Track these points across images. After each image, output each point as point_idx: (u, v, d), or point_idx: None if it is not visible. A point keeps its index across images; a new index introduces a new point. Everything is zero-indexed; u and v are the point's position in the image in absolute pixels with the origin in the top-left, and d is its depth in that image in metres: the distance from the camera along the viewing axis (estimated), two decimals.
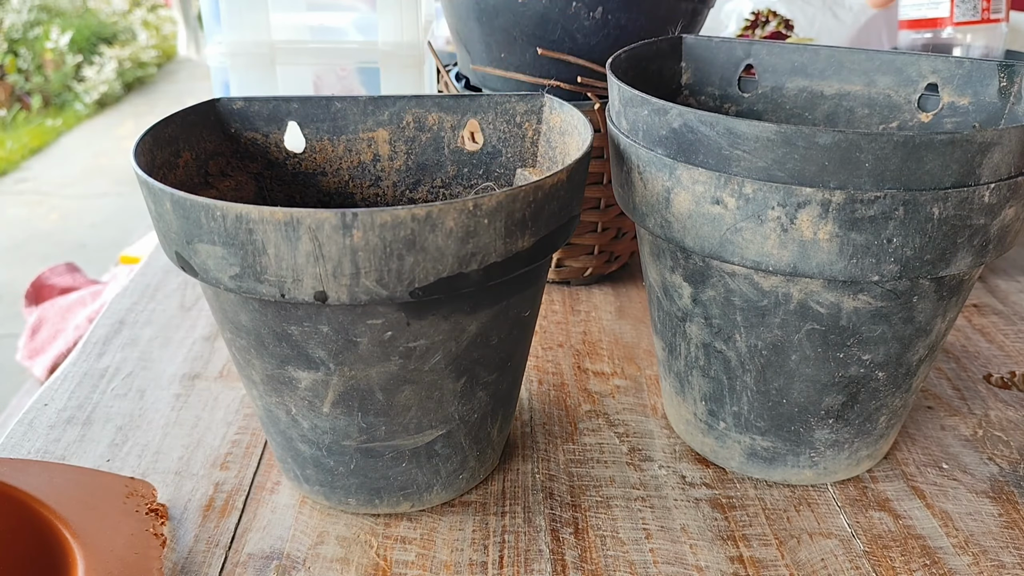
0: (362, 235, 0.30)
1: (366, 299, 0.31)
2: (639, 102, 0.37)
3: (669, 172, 0.36)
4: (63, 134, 3.67)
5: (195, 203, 0.31)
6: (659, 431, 0.48)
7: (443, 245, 0.31)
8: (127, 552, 0.35)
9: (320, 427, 0.38)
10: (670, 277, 0.41)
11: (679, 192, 0.36)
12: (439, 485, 0.41)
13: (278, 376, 0.36)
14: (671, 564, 0.39)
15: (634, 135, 0.39)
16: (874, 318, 0.37)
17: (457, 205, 0.30)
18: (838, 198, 0.33)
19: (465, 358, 0.36)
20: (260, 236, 0.30)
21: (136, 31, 4.86)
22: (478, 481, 0.43)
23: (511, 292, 0.36)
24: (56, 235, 2.63)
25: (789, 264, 0.35)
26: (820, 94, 0.47)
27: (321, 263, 0.30)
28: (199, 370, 0.54)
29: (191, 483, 0.44)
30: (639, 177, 0.39)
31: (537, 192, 0.33)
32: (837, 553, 0.40)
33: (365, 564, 0.39)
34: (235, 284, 0.32)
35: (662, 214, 0.38)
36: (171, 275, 0.66)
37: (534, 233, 0.34)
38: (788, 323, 0.38)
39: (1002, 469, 0.46)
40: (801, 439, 0.42)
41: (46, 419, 0.48)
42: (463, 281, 0.32)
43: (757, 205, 0.34)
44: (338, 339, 0.34)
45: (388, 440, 0.38)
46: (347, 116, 0.44)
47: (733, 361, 0.40)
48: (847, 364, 0.39)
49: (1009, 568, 0.39)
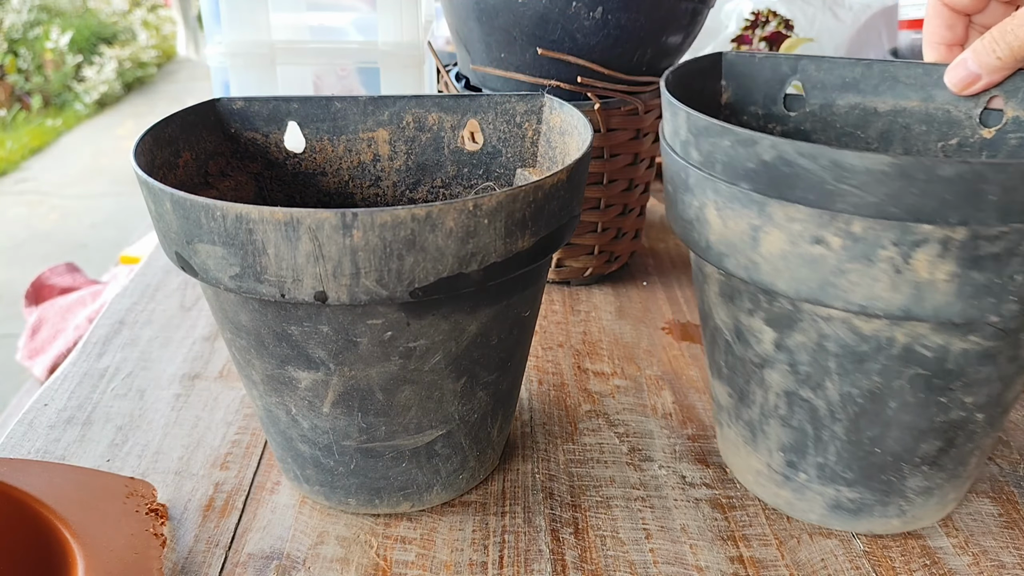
0: (362, 235, 0.30)
1: (366, 299, 0.31)
2: (719, 132, 0.34)
3: (758, 209, 0.33)
4: (63, 134, 3.67)
5: (195, 203, 0.31)
6: (659, 431, 0.48)
7: (443, 245, 0.31)
8: (127, 552, 0.35)
9: (320, 427, 0.38)
10: (747, 321, 0.38)
11: (770, 231, 0.33)
12: (439, 485, 0.41)
13: (278, 376, 0.36)
14: (671, 564, 0.39)
15: (709, 167, 0.35)
16: (981, 359, 0.34)
17: (457, 205, 0.30)
18: (960, 235, 0.30)
19: (465, 358, 0.36)
20: (260, 236, 0.30)
21: (136, 31, 4.86)
22: (478, 481, 0.43)
23: (511, 292, 0.36)
24: (56, 235, 2.63)
25: (901, 307, 0.32)
26: (873, 111, 0.45)
27: (321, 263, 0.30)
28: (199, 370, 0.54)
29: (191, 483, 0.44)
30: (716, 214, 0.35)
31: (537, 192, 0.33)
32: (837, 553, 0.40)
33: (365, 564, 0.39)
34: (235, 284, 0.32)
35: (747, 255, 0.34)
36: (171, 275, 0.66)
37: (534, 233, 0.34)
38: (889, 369, 0.35)
39: (1002, 469, 0.46)
40: (892, 488, 0.39)
41: (46, 419, 0.48)
42: (463, 281, 0.32)
43: (867, 245, 0.31)
44: (338, 339, 0.34)
45: (388, 440, 0.38)
46: (347, 116, 0.44)
47: (822, 410, 0.37)
48: (948, 409, 0.36)
49: (1009, 568, 0.39)
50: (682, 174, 0.37)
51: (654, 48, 0.57)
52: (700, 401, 0.51)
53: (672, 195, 0.39)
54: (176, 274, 0.66)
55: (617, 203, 0.62)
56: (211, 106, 0.43)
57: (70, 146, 3.53)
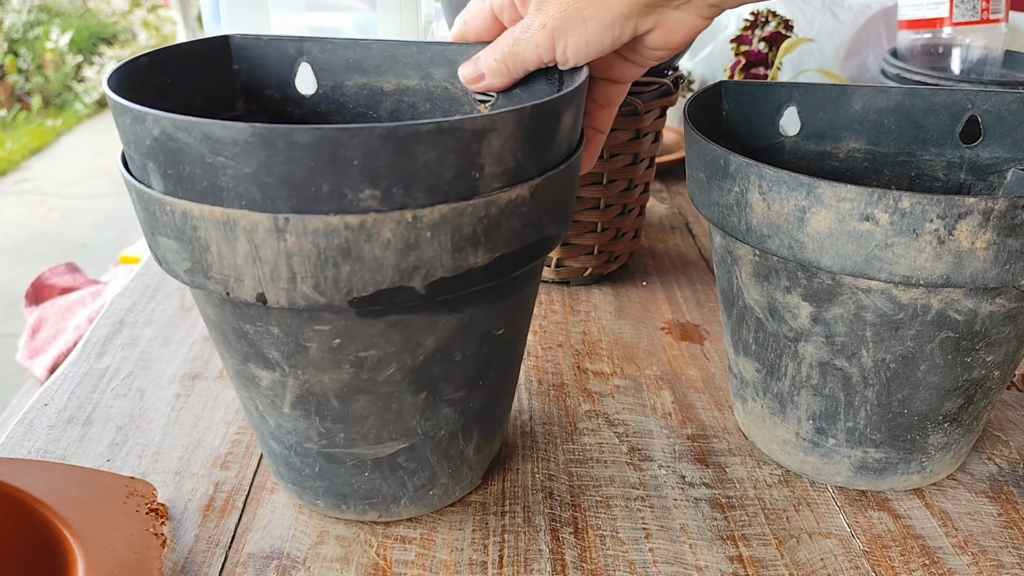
0: (295, 240, 0.29)
1: (304, 304, 0.30)
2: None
3: (807, 191, 0.35)
4: (63, 134, 3.67)
5: (150, 197, 0.30)
6: (659, 431, 0.48)
7: (381, 256, 0.30)
8: (127, 552, 0.35)
9: (284, 427, 0.37)
10: (784, 298, 0.39)
11: (818, 211, 0.35)
12: (407, 498, 0.40)
13: (243, 372, 0.36)
14: (670, 564, 0.39)
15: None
16: (1004, 320, 0.37)
17: (394, 216, 0.29)
18: (1000, 206, 0.32)
19: (424, 372, 0.35)
20: (203, 233, 0.30)
21: (136, 31, 4.86)
22: (454, 499, 0.42)
23: (473, 307, 0.34)
24: (56, 235, 2.63)
25: (942, 276, 0.34)
26: (380, 90, 0.44)
27: (259, 265, 0.30)
28: (199, 370, 0.54)
29: (191, 483, 0.44)
30: (760, 198, 0.37)
31: (490, 208, 0.31)
32: (836, 553, 0.40)
33: (365, 564, 0.39)
34: (189, 279, 0.32)
35: (792, 235, 0.36)
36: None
37: (490, 250, 0.32)
38: (923, 334, 0.37)
39: (1001, 469, 0.46)
40: (915, 447, 0.42)
41: (46, 419, 0.49)
42: (407, 294, 0.31)
43: (914, 219, 0.33)
44: (288, 342, 0.33)
45: (348, 448, 0.37)
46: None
47: (855, 377, 0.40)
48: (971, 368, 0.39)
49: (1008, 568, 0.39)
50: (720, 162, 0.38)
51: None
52: (700, 401, 0.51)
53: (705, 182, 0.40)
54: None
55: (616, 203, 0.62)
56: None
57: (70, 146, 3.52)
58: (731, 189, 0.38)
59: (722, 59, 0.92)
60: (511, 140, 0.30)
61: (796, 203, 0.36)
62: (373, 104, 0.44)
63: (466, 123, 0.29)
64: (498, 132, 0.30)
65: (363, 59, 0.43)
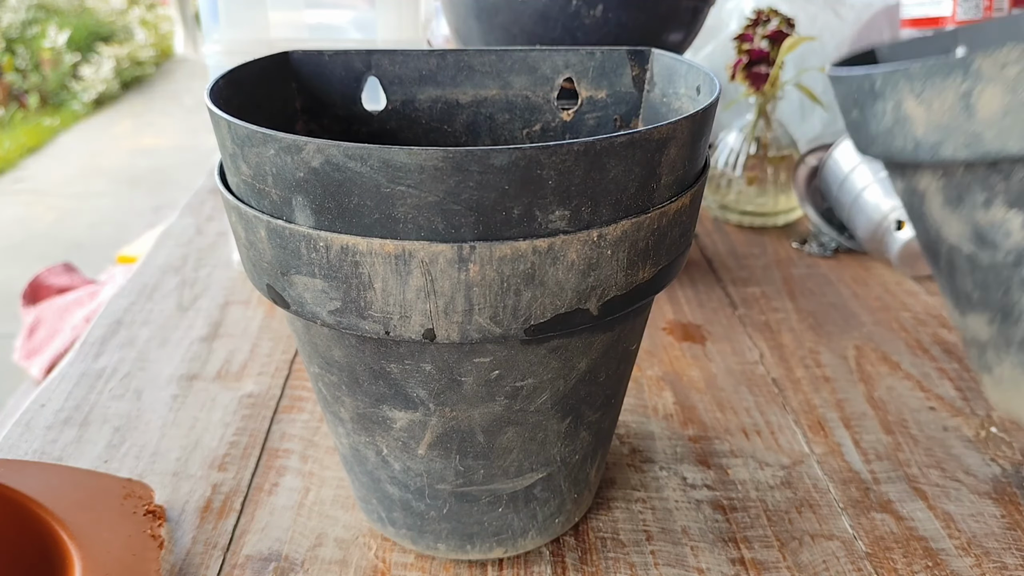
0: (479, 269, 0.27)
1: (478, 337, 0.29)
2: None
3: (963, 72, 0.31)
4: (60, 133, 3.67)
5: (295, 232, 0.28)
6: (660, 432, 0.48)
7: (563, 279, 0.29)
8: (125, 554, 0.35)
9: (413, 470, 0.35)
10: (987, 216, 0.34)
11: (983, 89, 0.31)
12: (534, 530, 0.38)
13: (371, 415, 0.34)
14: (672, 566, 0.39)
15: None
16: None
17: (581, 236, 0.28)
18: None
19: (572, 397, 0.34)
20: (367, 269, 0.28)
21: (134, 30, 4.86)
22: (572, 524, 0.41)
23: (623, 325, 0.34)
24: (53, 235, 2.62)
25: None
26: (456, 103, 0.43)
27: (432, 299, 0.28)
28: (196, 371, 0.53)
29: (189, 484, 0.43)
30: (916, 102, 0.33)
31: (661, 219, 0.30)
32: (839, 555, 0.40)
33: (364, 566, 0.39)
34: (334, 320, 0.30)
35: (964, 130, 0.32)
36: (168, 275, 0.66)
37: (655, 263, 0.31)
38: None
39: (1005, 470, 0.45)
40: None
41: (43, 420, 0.48)
42: (581, 317, 0.30)
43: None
44: (441, 378, 0.31)
45: (486, 484, 0.36)
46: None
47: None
48: None
49: (1012, 570, 0.39)
50: (864, 84, 0.35)
51: (655, 46, 0.56)
52: (701, 402, 0.51)
53: (856, 120, 0.37)
54: (174, 274, 0.66)
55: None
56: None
57: (67, 145, 3.52)
58: (884, 109, 0.35)
59: (723, 57, 0.92)
60: (684, 148, 0.30)
61: (956, 90, 0.32)
62: (448, 118, 0.43)
63: (653, 133, 0.28)
64: (676, 140, 0.29)
65: (437, 70, 0.42)
